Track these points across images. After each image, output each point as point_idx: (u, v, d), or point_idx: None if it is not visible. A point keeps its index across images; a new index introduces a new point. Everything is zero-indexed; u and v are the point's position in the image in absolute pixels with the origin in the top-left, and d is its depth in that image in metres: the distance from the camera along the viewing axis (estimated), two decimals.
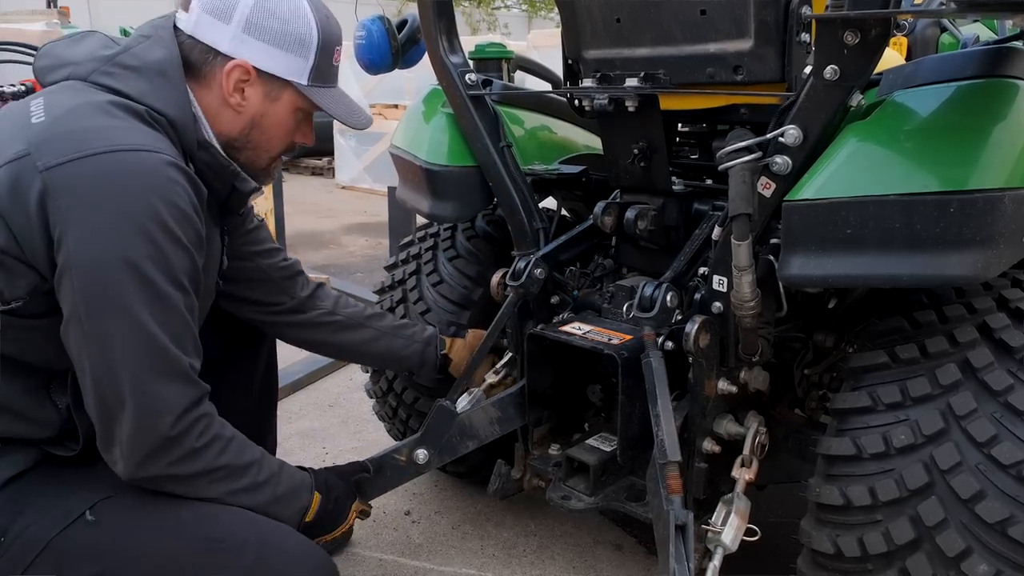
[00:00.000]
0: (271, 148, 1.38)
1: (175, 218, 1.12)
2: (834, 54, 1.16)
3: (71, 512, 1.17)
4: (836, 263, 1.19)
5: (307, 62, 1.30)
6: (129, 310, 1.08)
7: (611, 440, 1.69)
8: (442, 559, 2.00)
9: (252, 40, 1.25)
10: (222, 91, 1.27)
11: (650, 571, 1.93)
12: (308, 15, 1.29)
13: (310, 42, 1.29)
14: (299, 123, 1.38)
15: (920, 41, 2.30)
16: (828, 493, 1.24)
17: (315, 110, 1.37)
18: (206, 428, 1.17)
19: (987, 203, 1.10)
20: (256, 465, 1.27)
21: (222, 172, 1.31)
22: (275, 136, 1.36)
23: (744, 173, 1.26)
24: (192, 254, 1.16)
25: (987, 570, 1.09)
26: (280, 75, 1.29)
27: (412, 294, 2.03)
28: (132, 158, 1.10)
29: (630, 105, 1.53)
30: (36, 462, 1.21)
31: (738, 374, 1.49)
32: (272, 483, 1.29)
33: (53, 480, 1.21)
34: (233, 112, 1.29)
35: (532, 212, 1.79)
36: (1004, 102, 1.17)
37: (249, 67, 1.26)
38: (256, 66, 1.27)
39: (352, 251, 5.58)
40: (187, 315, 1.15)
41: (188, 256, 1.15)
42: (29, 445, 1.22)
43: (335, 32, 1.34)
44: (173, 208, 1.12)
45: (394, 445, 1.72)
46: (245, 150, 1.34)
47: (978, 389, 1.17)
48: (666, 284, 1.46)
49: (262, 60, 1.27)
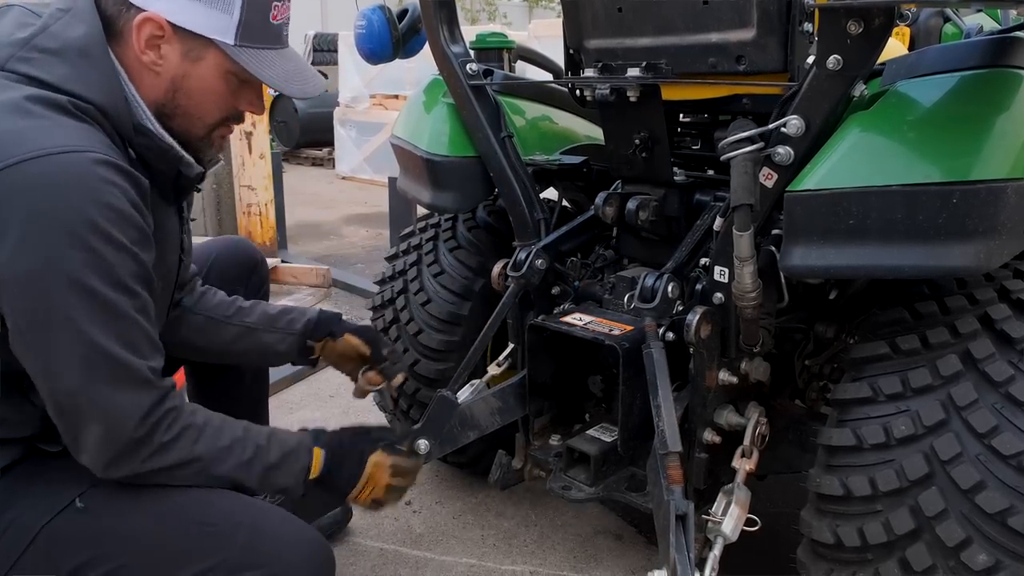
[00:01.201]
0: (204, 115, 1.23)
1: (111, 221, 1.04)
2: (837, 44, 1.15)
3: (61, 500, 1.15)
4: (838, 254, 1.18)
5: (230, 17, 1.14)
6: (74, 324, 1.03)
7: (612, 430, 1.69)
8: (443, 549, 2.01)
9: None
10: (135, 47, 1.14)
11: (650, 561, 1.94)
12: None
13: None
14: (235, 88, 1.22)
15: (923, 31, 2.29)
16: (828, 483, 1.24)
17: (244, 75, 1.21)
18: (173, 421, 1.13)
19: (990, 194, 1.10)
20: (239, 443, 1.21)
21: (164, 155, 1.22)
22: (205, 102, 1.21)
23: (746, 163, 1.26)
24: (136, 254, 1.09)
25: (987, 560, 1.09)
26: (199, 32, 1.14)
27: (413, 285, 2.03)
28: (57, 162, 1.01)
29: (632, 95, 1.52)
30: (23, 456, 1.19)
31: (739, 365, 1.49)
32: (260, 456, 1.23)
33: (41, 471, 1.19)
34: (151, 73, 1.16)
35: (533, 203, 1.78)
36: (1007, 92, 1.17)
37: (162, 21, 1.12)
38: (170, 20, 1.12)
39: (352, 242, 5.58)
40: (138, 317, 1.09)
41: (131, 257, 1.08)
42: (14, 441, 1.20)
43: None
44: (108, 210, 1.04)
45: None
46: (175, 117, 1.21)
47: (979, 380, 1.17)
48: (667, 275, 1.46)
49: (176, 14, 1.12)
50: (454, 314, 1.97)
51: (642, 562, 1.95)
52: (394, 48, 1.83)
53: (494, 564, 1.95)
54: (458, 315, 1.97)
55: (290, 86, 1.23)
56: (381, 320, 2.09)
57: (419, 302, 2.00)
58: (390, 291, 2.08)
